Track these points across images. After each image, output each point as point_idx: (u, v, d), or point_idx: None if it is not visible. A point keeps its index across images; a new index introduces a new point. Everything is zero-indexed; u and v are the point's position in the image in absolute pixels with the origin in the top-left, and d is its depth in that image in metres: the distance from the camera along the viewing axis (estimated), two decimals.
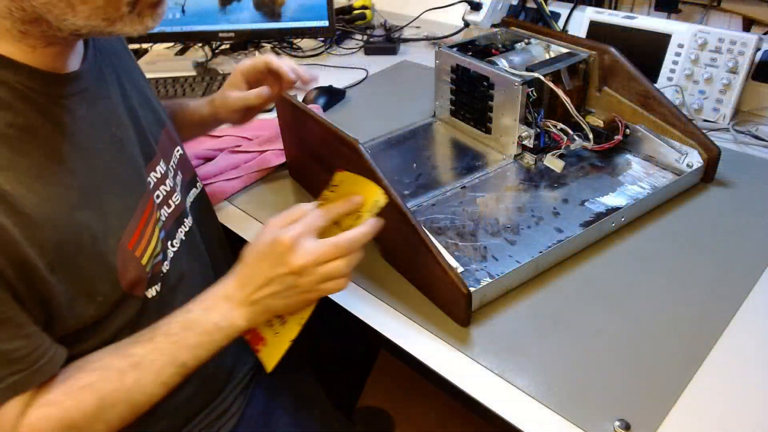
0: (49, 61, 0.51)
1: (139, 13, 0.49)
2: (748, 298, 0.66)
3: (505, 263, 0.71)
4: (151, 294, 0.60)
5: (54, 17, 0.46)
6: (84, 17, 0.46)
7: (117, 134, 0.58)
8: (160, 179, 0.65)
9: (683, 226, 0.77)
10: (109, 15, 0.47)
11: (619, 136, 0.86)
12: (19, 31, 0.47)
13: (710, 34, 0.98)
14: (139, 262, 0.57)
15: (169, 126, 0.72)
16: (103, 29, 0.48)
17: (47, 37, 0.49)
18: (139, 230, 0.57)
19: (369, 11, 1.53)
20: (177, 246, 0.65)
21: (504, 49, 0.99)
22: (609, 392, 0.57)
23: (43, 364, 0.50)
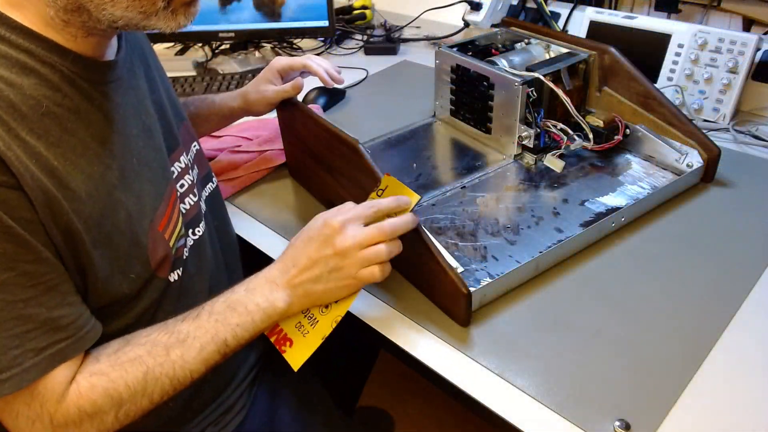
0: (89, 49, 0.53)
1: (173, 11, 0.51)
2: (748, 298, 0.66)
3: (505, 263, 0.71)
4: (173, 278, 0.62)
5: (94, 6, 0.48)
6: (122, 8, 0.48)
7: (147, 123, 0.61)
8: (183, 170, 0.67)
9: (683, 226, 0.77)
10: (146, 8, 0.49)
11: (619, 136, 0.86)
12: (62, 20, 0.49)
13: (710, 34, 0.98)
14: (168, 243, 0.60)
15: (187, 121, 0.74)
16: (139, 22, 0.50)
17: (87, 28, 0.51)
18: (167, 214, 0.60)
19: (369, 11, 1.53)
20: (197, 236, 0.67)
21: (504, 49, 0.99)
22: (609, 392, 0.57)
23: (87, 332, 0.52)
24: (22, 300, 0.47)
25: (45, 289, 0.48)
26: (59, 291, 0.49)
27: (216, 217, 0.76)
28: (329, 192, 0.85)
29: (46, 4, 0.48)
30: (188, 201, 0.67)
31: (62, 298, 0.50)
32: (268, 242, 0.82)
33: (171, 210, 0.61)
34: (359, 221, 0.61)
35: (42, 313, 0.48)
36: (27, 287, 0.47)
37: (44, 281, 0.48)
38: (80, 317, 0.51)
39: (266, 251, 0.80)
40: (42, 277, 0.48)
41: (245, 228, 0.85)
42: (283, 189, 0.93)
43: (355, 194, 0.77)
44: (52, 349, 0.49)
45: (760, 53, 0.98)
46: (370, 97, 1.20)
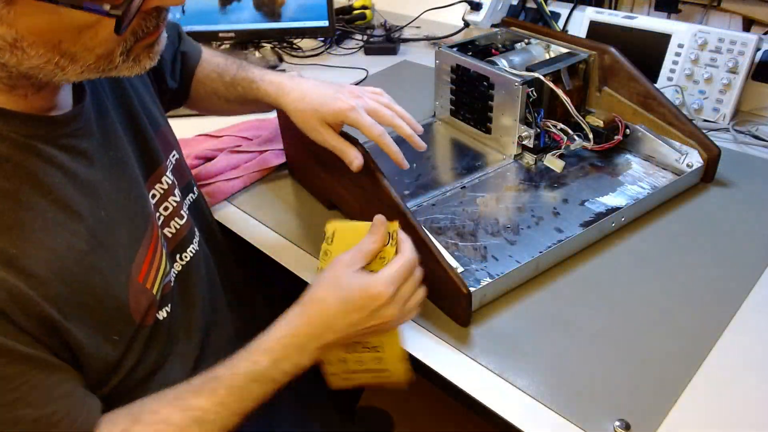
0: (42, 104, 0.49)
1: (135, 58, 0.47)
2: (748, 298, 0.66)
3: (505, 263, 0.71)
4: (162, 315, 0.59)
5: (44, 76, 0.45)
6: (76, 74, 0.45)
7: (116, 157, 0.56)
8: (166, 191, 0.63)
9: (683, 226, 0.77)
10: (103, 68, 0.46)
11: (619, 136, 0.86)
12: (6, 85, 0.46)
13: (710, 34, 0.98)
14: (150, 292, 0.56)
15: (165, 126, 0.69)
16: (98, 76, 0.47)
17: (37, 86, 0.47)
18: (147, 260, 0.56)
19: (369, 11, 1.53)
20: (186, 260, 0.64)
21: (504, 49, 0.99)
22: (609, 392, 0.57)
23: (83, 421, 0.48)
24: (8, 404, 0.44)
25: (28, 389, 0.45)
26: (44, 387, 0.46)
27: (202, 227, 0.72)
28: (329, 192, 0.85)
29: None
30: (174, 224, 0.63)
31: (49, 393, 0.46)
32: (268, 242, 0.82)
33: (152, 253, 0.57)
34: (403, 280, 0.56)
35: (31, 414, 0.45)
36: (8, 391, 0.44)
37: (25, 381, 0.45)
38: (73, 407, 0.48)
39: (266, 251, 0.80)
40: (22, 378, 0.45)
41: (245, 228, 0.85)
42: (283, 189, 0.93)
43: (355, 194, 0.77)
44: None
45: (760, 53, 0.98)
46: None
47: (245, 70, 0.78)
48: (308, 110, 0.70)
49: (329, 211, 0.86)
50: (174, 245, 0.63)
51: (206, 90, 0.82)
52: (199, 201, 0.74)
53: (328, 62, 1.38)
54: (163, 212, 0.62)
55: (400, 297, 0.56)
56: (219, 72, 0.80)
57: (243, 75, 0.78)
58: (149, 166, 0.61)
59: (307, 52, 1.44)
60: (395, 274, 0.55)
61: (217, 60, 0.81)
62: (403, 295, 0.56)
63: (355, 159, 0.68)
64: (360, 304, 0.55)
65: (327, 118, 0.69)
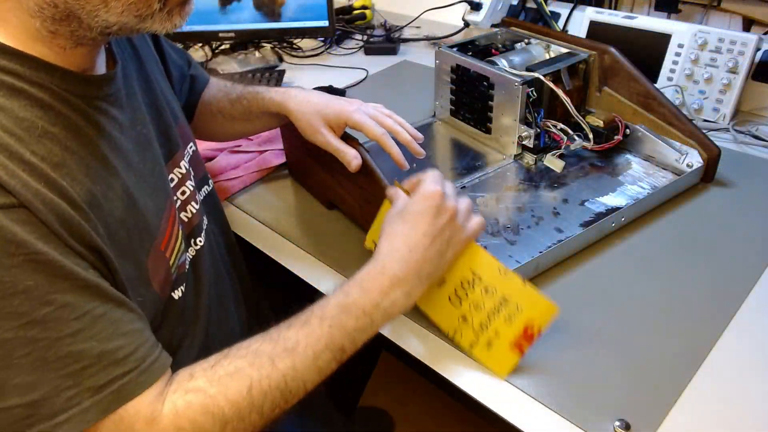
0: (80, 61, 0.50)
1: (169, 11, 0.48)
2: (748, 298, 0.66)
3: (505, 263, 0.70)
4: (177, 295, 0.59)
5: (86, 13, 0.45)
6: (117, 13, 0.46)
7: (143, 133, 0.58)
8: (183, 176, 0.65)
9: (683, 226, 0.77)
10: (141, 11, 0.46)
11: (619, 136, 0.86)
12: (49, 31, 0.46)
13: (710, 34, 0.98)
14: (168, 261, 0.57)
15: (182, 120, 0.71)
16: (134, 26, 0.48)
17: (76, 38, 0.48)
18: (168, 231, 0.57)
19: (369, 11, 1.53)
20: (199, 246, 0.66)
21: (504, 49, 0.99)
22: (609, 392, 0.57)
23: (152, 362, 0.48)
24: (69, 335, 0.43)
25: (91, 319, 0.44)
26: (108, 319, 0.45)
27: (215, 220, 0.74)
28: (329, 192, 0.85)
29: (31, 15, 0.45)
30: (190, 209, 0.65)
31: (114, 328, 0.46)
32: (268, 242, 0.82)
33: (171, 226, 0.58)
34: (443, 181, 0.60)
35: (94, 347, 0.44)
36: (70, 321, 0.43)
37: (88, 311, 0.44)
38: (141, 346, 0.47)
39: (266, 251, 0.81)
40: (84, 307, 0.44)
41: (245, 228, 0.85)
42: (283, 189, 0.93)
43: (355, 194, 0.77)
44: (113, 386, 0.45)
45: (760, 53, 0.98)
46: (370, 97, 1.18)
47: (251, 87, 0.82)
48: (312, 112, 0.73)
49: (329, 211, 0.86)
50: (189, 230, 0.64)
51: (211, 110, 0.84)
52: (213, 195, 0.76)
53: (328, 62, 1.38)
54: (180, 196, 0.63)
55: (452, 194, 0.60)
56: (225, 91, 0.84)
57: (249, 90, 0.81)
58: (169, 151, 0.63)
59: (307, 52, 1.44)
60: (432, 176, 0.60)
61: (224, 82, 0.85)
62: (453, 194, 0.60)
63: (353, 159, 0.70)
64: (421, 208, 0.58)
65: (329, 118, 0.72)
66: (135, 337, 0.47)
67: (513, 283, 0.58)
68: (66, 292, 0.43)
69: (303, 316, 0.54)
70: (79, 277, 0.44)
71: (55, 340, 0.43)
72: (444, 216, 0.57)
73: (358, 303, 0.55)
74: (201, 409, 0.48)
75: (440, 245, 0.57)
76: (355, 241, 0.79)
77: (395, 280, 0.56)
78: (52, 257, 0.42)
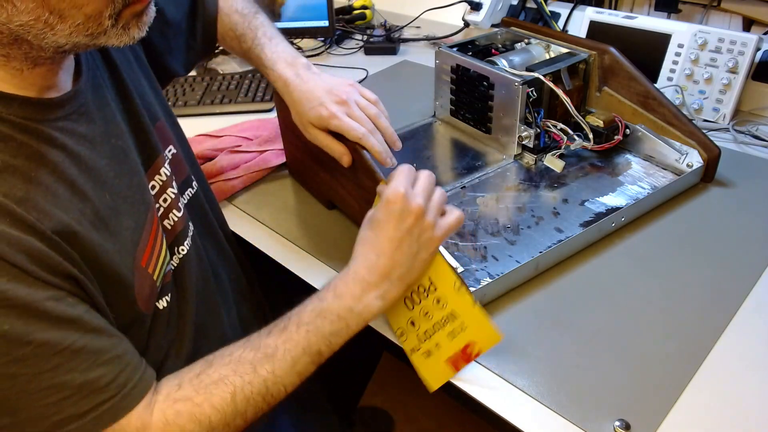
0: (40, 82, 0.49)
1: (124, 26, 0.47)
2: (748, 298, 0.66)
3: (505, 263, 0.71)
4: (162, 305, 0.59)
5: (34, 37, 0.44)
6: (65, 35, 0.45)
7: (118, 145, 0.57)
8: (164, 183, 0.63)
9: (683, 226, 0.77)
10: (92, 30, 0.45)
11: (619, 136, 0.86)
12: (1, 55, 0.45)
13: (710, 34, 0.98)
14: (152, 278, 0.56)
15: (165, 121, 0.69)
16: (88, 43, 0.46)
17: (31, 59, 0.47)
18: (150, 245, 0.56)
19: (369, 11, 1.53)
20: (183, 252, 0.65)
21: (504, 49, 0.99)
22: (609, 392, 0.57)
23: (134, 386, 0.49)
24: (49, 370, 0.44)
25: (71, 353, 0.45)
26: (88, 351, 0.46)
27: (201, 223, 0.72)
28: (329, 192, 0.85)
29: None
30: (172, 216, 0.64)
31: (95, 358, 0.46)
32: (268, 242, 0.82)
33: (153, 240, 0.57)
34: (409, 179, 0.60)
35: (75, 378, 0.45)
36: (50, 356, 0.44)
37: (67, 346, 0.45)
38: (122, 371, 0.48)
39: (266, 251, 0.80)
40: (63, 342, 0.44)
41: (245, 228, 0.85)
42: (283, 189, 0.93)
43: (355, 194, 0.77)
44: (96, 412, 0.46)
45: (760, 53, 0.98)
46: None
47: (259, 47, 0.78)
48: (301, 111, 0.74)
49: (329, 211, 0.86)
50: (172, 238, 0.63)
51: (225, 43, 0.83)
52: (198, 197, 0.74)
53: (328, 62, 1.38)
54: (162, 204, 0.62)
55: (419, 191, 0.59)
56: (237, 35, 0.80)
57: (257, 53, 0.78)
58: (148, 158, 0.62)
59: (307, 52, 1.44)
60: (399, 175, 0.60)
61: (235, 19, 0.81)
62: (421, 190, 0.59)
63: (343, 156, 0.71)
64: (385, 214, 0.58)
65: (313, 122, 0.73)
66: (116, 364, 0.48)
67: (464, 301, 0.58)
68: (43, 331, 0.43)
69: (281, 322, 0.56)
70: (56, 315, 0.44)
71: (36, 375, 0.44)
72: (408, 219, 0.57)
73: (333, 308, 0.56)
74: (189, 417, 0.50)
75: (409, 247, 0.57)
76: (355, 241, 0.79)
77: (366, 286, 0.57)
78: (25, 300, 0.42)
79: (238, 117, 1.13)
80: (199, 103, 1.18)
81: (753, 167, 0.88)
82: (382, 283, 0.57)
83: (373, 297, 0.57)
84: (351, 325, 0.57)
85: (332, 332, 0.56)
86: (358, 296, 0.57)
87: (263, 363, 0.53)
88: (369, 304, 0.57)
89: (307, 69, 0.76)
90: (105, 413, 0.47)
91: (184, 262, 0.64)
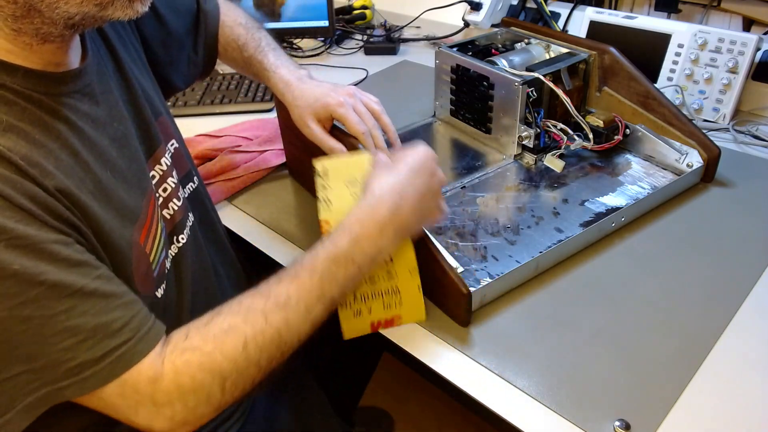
0: (49, 57, 0.50)
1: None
2: (748, 298, 0.66)
3: (505, 263, 0.71)
4: (159, 294, 0.59)
5: (46, 6, 0.45)
6: (77, 3, 0.46)
7: (120, 130, 0.57)
8: (164, 173, 0.64)
9: (683, 226, 0.77)
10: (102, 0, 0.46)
11: (619, 136, 0.86)
12: (12, 29, 0.46)
13: (710, 34, 0.98)
14: (149, 258, 0.57)
15: (164, 115, 0.69)
16: (95, 14, 0.47)
17: (41, 34, 0.47)
18: (147, 226, 0.57)
19: (369, 11, 1.53)
20: (181, 243, 0.65)
21: (504, 49, 0.99)
22: (609, 392, 0.57)
23: (147, 331, 0.49)
24: (62, 312, 0.44)
25: (83, 296, 0.45)
26: (100, 294, 0.46)
27: (200, 217, 0.72)
28: None
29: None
30: (172, 206, 0.64)
31: (107, 301, 0.47)
32: (268, 242, 0.82)
33: (150, 222, 0.57)
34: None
35: (89, 321, 0.45)
36: (62, 298, 0.44)
37: (79, 288, 0.45)
38: (135, 316, 0.48)
39: (266, 251, 0.80)
40: (74, 285, 0.45)
41: (245, 228, 0.85)
42: (283, 189, 0.93)
43: None
44: (112, 356, 0.46)
45: (760, 53, 0.98)
46: None
47: (262, 53, 0.80)
48: (303, 106, 0.75)
49: None
50: (171, 226, 0.64)
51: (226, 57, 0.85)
52: (199, 191, 0.75)
53: (328, 62, 1.38)
54: (162, 193, 0.63)
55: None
56: (239, 45, 0.82)
57: (259, 59, 0.80)
58: (149, 147, 0.63)
59: (307, 52, 1.44)
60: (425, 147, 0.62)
61: (238, 31, 0.83)
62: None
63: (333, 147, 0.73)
64: (420, 165, 0.59)
65: (318, 111, 0.74)
66: (128, 308, 0.48)
67: (412, 283, 0.63)
68: (54, 272, 0.44)
69: (292, 269, 0.55)
70: (65, 257, 0.45)
71: (50, 317, 0.44)
72: (435, 182, 0.60)
73: (348, 253, 0.55)
74: (199, 366, 0.49)
75: (425, 205, 0.59)
76: None
77: (385, 230, 0.57)
78: (34, 239, 0.43)
79: (238, 117, 1.13)
80: (199, 103, 1.18)
81: (753, 167, 0.88)
82: (400, 229, 0.58)
83: (388, 241, 0.57)
84: (364, 269, 0.57)
85: (346, 277, 0.55)
86: (375, 239, 0.56)
87: (275, 312, 0.52)
88: (383, 248, 0.57)
89: (309, 77, 0.78)
90: (120, 358, 0.47)
91: (182, 252, 0.65)
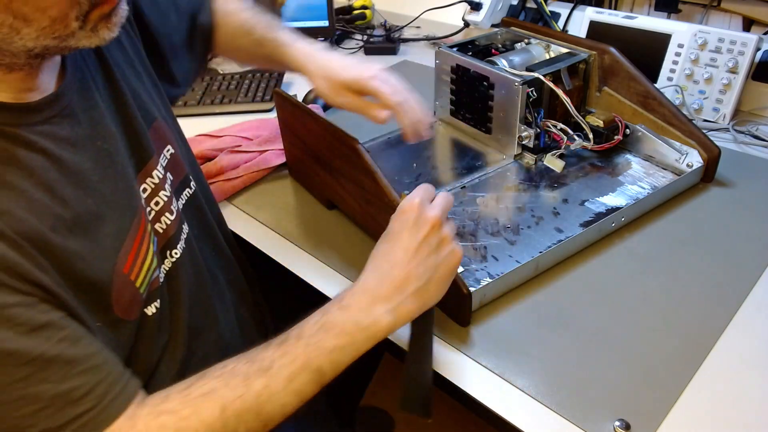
0: (18, 85, 0.47)
1: (93, 28, 0.46)
2: (748, 298, 0.66)
3: (505, 263, 0.71)
4: (151, 311, 0.57)
5: (1, 41, 0.43)
6: (32, 39, 0.43)
7: (104, 147, 0.54)
8: (156, 186, 0.61)
9: (683, 226, 0.77)
10: (59, 33, 0.44)
11: (619, 136, 0.86)
12: None
13: (710, 34, 0.98)
14: (134, 285, 0.54)
15: (161, 120, 0.66)
16: (58, 45, 0.45)
17: (5, 65, 0.46)
18: (133, 252, 0.54)
19: (369, 11, 1.53)
20: (176, 257, 0.63)
21: (504, 49, 0.99)
22: (609, 392, 0.57)
23: (114, 398, 0.46)
24: (20, 380, 0.42)
25: (43, 363, 0.43)
26: (62, 360, 0.44)
27: (198, 225, 0.70)
28: (329, 192, 0.85)
29: None
30: (164, 219, 0.62)
31: (69, 368, 0.44)
32: (268, 242, 0.82)
33: (137, 246, 0.55)
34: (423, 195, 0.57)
35: (48, 390, 0.43)
36: (20, 366, 0.42)
37: (39, 355, 0.42)
38: (101, 383, 0.46)
39: (266, 251, 0.80)
40: (34, 352, 0.42)
41: (245, 228, 0.85)
42: (283, 189, 0.93)
43: (355, 194, 0.77)
44: (73, 426, 0.44)
45: (760, 53, 0.98)
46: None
47: (273, 31, 0.78)
48: (331, 76, 0.72)
49: (329, 211, 0.86)
50: (164, 241, 0.62)
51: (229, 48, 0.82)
52: (196, 197, 0.72)
53: None
54: (154, 207, 0.61)
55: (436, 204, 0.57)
56: (246, 29, 0.79)
57: (272, 37, 0.78)
58: (140, 160, 0.60)
59: None
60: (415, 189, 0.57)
61: (244, 16, 0.80)
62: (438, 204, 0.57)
63: (378, 114, 0.71)
64: (399, 226, 0.55)
65: (348, 83, 0.71)
66: (94, 374, 0.46)
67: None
68: (11, 340, 0.42)
69: (282, 335, 0.52)
70: (24, 321, 0.42)
71: (7, 384, 0.42)
72: (424, 227, 0.54)
73: (337, 321, 0.52)
74: (175, 430, 0.47)
75: (427, 258, 0.54)
76: (355, 241, 0.79)
77: (375, 297, 0.53)
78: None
79: (238, 117, 1.13)
80: (199, 103, 1.18)
81: (753, 167, 0.88)
82: (395, 295, 0.53)
83: (383, 311, 0.52)
84: (357, 340, 0.52)
85: (335, 347, 0.51)
86: (366, 308, 0.52)
87: (257, 377, 0.49)
88: (378, 318, 0.52)
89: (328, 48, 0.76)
90: (84, 426, 0.44)
91: (177, 266, 0.63)
